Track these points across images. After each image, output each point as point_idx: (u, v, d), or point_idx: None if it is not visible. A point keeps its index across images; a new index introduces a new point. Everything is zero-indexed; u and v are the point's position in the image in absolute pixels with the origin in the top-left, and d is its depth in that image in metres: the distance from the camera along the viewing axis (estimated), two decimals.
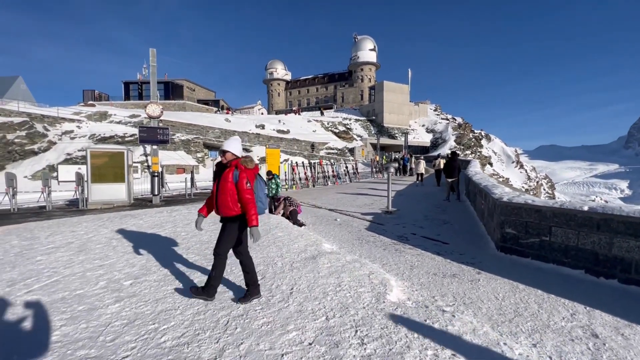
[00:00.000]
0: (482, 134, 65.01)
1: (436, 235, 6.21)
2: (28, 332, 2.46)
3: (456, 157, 10.50)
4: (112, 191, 12.43)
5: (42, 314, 2.67)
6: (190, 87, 62.24)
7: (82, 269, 3.74)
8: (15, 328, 2.50)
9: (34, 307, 2.79)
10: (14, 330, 2.47)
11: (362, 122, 60.03)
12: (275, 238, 5.11)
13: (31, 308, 2.79)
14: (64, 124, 27.97)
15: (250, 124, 40.99)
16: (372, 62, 73.88)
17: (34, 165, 24.37)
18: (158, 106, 13.00)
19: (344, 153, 45.11)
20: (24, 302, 2.93)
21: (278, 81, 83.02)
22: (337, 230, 6.74)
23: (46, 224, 7.20)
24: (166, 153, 30.50)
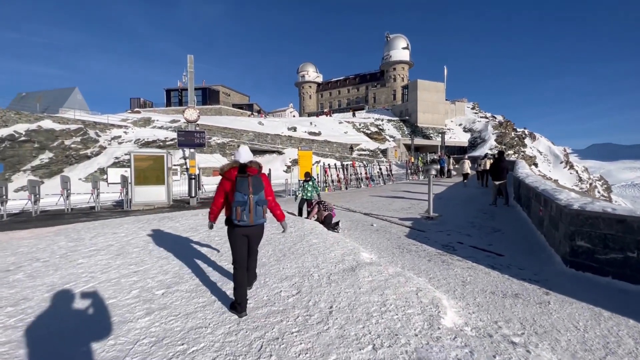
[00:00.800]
0: (525, 132, 60.61)
1: (487, 245, 5.57)
2: (57, 346, 2.37)
3: (504, 157, 9.59)
4: (153, 193, 12.95)
5: (72, 326, 2.59)
6: (226, 92, 64.56)
7: (118, 274, 3.71)
8: (46, 342, 2.43)
9: (67, 318, 2.73)
10: (44, 343, 2.39)
11: (395, 122, 58.51)
12: (310, 245, 4.83)
13: (64, 319, 2.72)
14: (112, 130, 30.10)
15: (283, 127, 41.49)
16: (405, 61, 71.89)
17: (87, 169, 26.43)
18: (195, 110, 13.37)
19: (376, 154, 44.16)
20: (58, 312, 2.89)
21: (309, 84, 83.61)
22: (374, 237, 6.32)
23: (92, 225, 7.53)
24: (203, 156, 31.70)
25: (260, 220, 2.87)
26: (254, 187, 2.78)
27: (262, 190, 2.85)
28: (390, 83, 72.01)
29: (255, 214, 2.76)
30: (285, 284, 3.33)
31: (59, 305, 3.03)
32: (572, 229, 4.15)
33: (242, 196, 2.71)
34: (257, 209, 2.78)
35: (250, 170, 2.85)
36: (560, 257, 4.49)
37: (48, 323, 2.71)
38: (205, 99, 56.41)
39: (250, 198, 2.74)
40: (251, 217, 2.74)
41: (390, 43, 72.42)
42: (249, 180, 2.78)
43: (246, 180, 2.76)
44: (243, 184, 2.74)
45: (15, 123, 25.23)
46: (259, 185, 2.83)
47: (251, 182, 2.78)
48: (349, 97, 79.40)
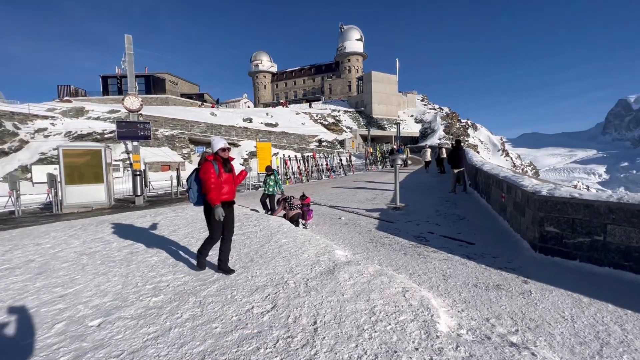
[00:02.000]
0: (468, 123, 65.30)
1: (457, 234, 5.57)
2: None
3: (461, 146, 9.91)
4: (90, 193, 11.34)
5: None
6: (173, 80, 59.87)
7: (37, 302, 2.90)
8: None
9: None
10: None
11: (351, 113, 59.25)
12: (279, 246, 4.35)
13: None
14: (36, 122, 26.12)
15: (237, 118, 39.64)
16: (359, 53, 72.76)
17: (4, 167, 22.70)
18: (137, 98, 11.88)
19: (334, 145, 44.36)
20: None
21: (264, 73, 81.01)
22: (344, 231, 6.03)
23: (8, 234, 6.23)
24: (149, 150, 29.07)
25: (191, 202, 3.53)
26: (193, 176, 3.49)
27: (191, 177, 3.49)
28: (345, 74, 72.56)
29: (189, 195, 3.48)
30: (257, 297, 2.84)
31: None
32: (540, 215, 4.21)
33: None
34: (189, 191, 3.46)
35: (207, 157, 3.42)
36: (529, 242, 4.58)
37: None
38: (149, 88, 51.69)
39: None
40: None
41: (345, 34, 72.66)
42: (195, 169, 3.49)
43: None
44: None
45: None
46: (193, 173, 3.51)
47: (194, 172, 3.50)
48: (304, 88, 78.53)
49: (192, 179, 3.42)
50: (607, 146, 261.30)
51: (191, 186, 3.39)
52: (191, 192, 3.39)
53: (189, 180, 3.42)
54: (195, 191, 3.37)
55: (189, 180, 3.42)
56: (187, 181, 3.43)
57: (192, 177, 3.42)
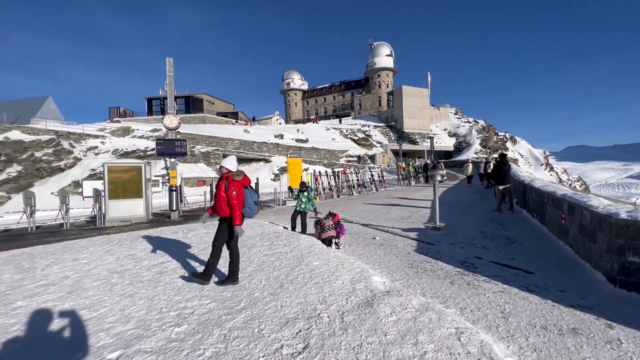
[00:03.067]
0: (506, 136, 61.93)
1: (509, 260, 4.92)
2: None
3: (506, 160, 9.11)
4: (129, 207, 11.83)
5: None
6: (210, 100, 63.26)
7: (61, 324, 2.80)
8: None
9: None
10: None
11: (381, 128, 58.62)
12: (311, 270, 4.03)
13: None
14: (89, 140, 28.46)
15: (269, 134, 40.64)
16: (389, 68, 72.68)
17: (60, 182, 24.71)
18: (175, 117, 12.42)
19: (365, 160, 43.83)
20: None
21: (295, 91, 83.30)
22: (380, 252, 5.58)
23: (52, 248, 6.48)
24: (187, 166, 30.43)
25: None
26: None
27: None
28: (375, 89, 72.53)
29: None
30: (287, 333, 2.51)
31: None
32: (620, 242, 3.53)
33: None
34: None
35: (224, 176, 3.70)
36: (604, 274, 3.86)
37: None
38: (189, 108, 54.98)
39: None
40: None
41: (374, 50, 73.16)
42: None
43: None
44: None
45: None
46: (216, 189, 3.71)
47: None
48: (334, 104, 79.42)
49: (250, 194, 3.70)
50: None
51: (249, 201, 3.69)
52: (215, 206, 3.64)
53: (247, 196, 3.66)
54: (253, 205, 3.71)
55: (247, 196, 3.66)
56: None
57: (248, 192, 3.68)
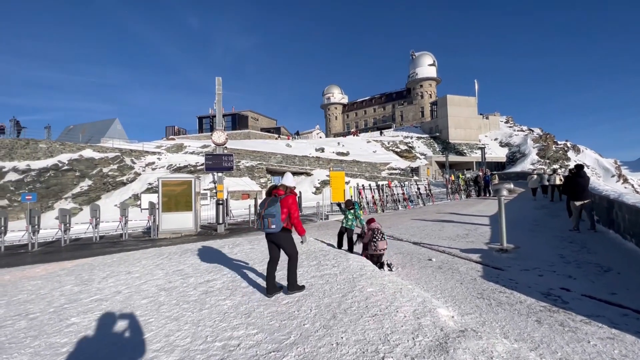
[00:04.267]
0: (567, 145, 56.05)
1: (609, 294, 4.01)
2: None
3: (584, 172, 7.88)
4: (180, 220, 12.33)
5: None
6: (254, 117, 66.27)
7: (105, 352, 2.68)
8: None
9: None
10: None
11: (425, 139, 56.43)
12: (365, 298, 3.58)
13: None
14: (147, 157, 31.03)
15: (310, 148, 41.10)
16: (432, 78, 70.46)
17: (122, 195, 27.05)
18: (223, 133, 12.88)
19: (408, 173, 42.25)
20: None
21: (335, 105, 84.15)
22: (440, 277, 4.94)
23: (110, 259, 6.79)
24: (232, 179, 31.68)
25: (267, 230, 3.63)
26: (267, 205, 3.65)
27: (272, 207, 3.61)
28: (418, 100, 70.54)
29: (262, 224, 3.62)
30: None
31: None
32: None
33: (259, 210, 3.74)
34: (263, 220, 3.61)
35: (277, 192, 3.80)
36: None
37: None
38: (235, 124, 58.04)
39: (262, 212, 3.64)
40: (259, 225, 3.69)
41: (416, 61, 71.61)
42: (267, 200, 3.70)
43: (264, 200, 3.73)
44: (262, 202, 3.74)
45: (59, 153, 26.61)
46: (272, 203, 3.64)
47: (266, 201, 3.71)
48: (375, 117, 78.61)
49: (277, 208, 3.64)
50: None
51: (275, 214, 3.60)
52: (275, 219, 3.58)
53: (270, 208, 3.62)
54: (280, 220, 3.62)
55: (270, 208, 3.62)
56: (263, 209, 3.67)
57: (277, 207, 3.64)
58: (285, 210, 3.67)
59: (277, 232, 3.64)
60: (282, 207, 3.66)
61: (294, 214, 3.71)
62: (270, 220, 3.55)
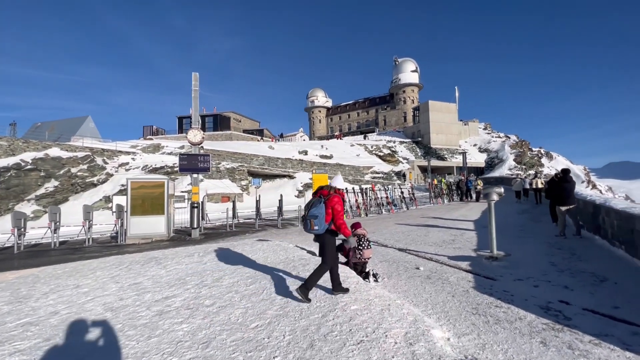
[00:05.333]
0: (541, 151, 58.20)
1: (612, 308, 3.69)
2: None
3: (570, 177, 7.76)
4: (150, 224, 11.44)
5: None
6: (237, 118, 64.95)
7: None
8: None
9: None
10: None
11: (407, 144, 57.08)
12: (349, 318, 3.08)
13: None
14: (120, 157, 29.43)
15: (294, 151, 40.48)
16: (414, 84, 71.68)
17: (92, 197, 25.42)
18: (199, 132, 12.12)
19: (391, 177, 42.40)
20: None
21: (319, 108, 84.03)
22: (429, 289, 4.51)
23: (62, 269, 5.98)
24: (212, 182, 30.59)
25: (311, 231, 3.59)
26: (310, 206, 3.63)
27: (315, 208, 3.55)
28: (400, 105, 71.50)
29: (305, 225, 3.62)
30: None
31: None
32: None
33: (304, 211, 3.73)
34: (306, 221, 3.60)
35: (321, 192, 3.72)
36: None
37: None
38: (217, 125, 56.58)
39: (306, 213, 3.64)
40: (303, 226, 3.68)
41: (399, 67, 72.67)
42: (311, 201, 3.69)
43: (310, 201, 3.71)
44: (307, 204, 3.74)
45: (22, 152, 24.74)
46: (317, 204, 3.59)
47: (311, 202, 3.68)
48: (358, 120, 79.03)
49: (321, 209, 3.55)
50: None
51: (318, 215, 3.52)
52: (317, 221, 3.51)
53: (313, 209, 3.57)
54: (323, 221, 3.53)
55: (313, 209, 3.57)
56: (307, 210, 3.64)
57: (321, 208, 3.55)
58: (329, 212, 3.57)
59: (322, 234, 3.60)
60: (326, 207, 3.59)
61: (337, 215, 3.58)
62: (312, 222, 3.49)
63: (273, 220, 14.67)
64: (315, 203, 3.59)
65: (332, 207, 3.57)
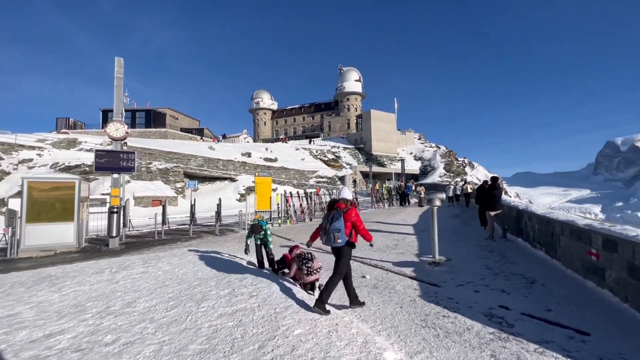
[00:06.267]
0: (465, 161, 65.07)
1: (545, 311, 3.83)
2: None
3: (498, 184, 8.41)
4: (55, 233, 9.51)
5: None
6: (174, 115, 60.08)
7: None
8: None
9: None
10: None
11: (351, 150, 58.88)
12: (292, 347, 2.59)
13: None
14: (21, 152, 24.69)
15: (236, 152, 38.64)
16: (357, 92, 74.58)
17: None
18: (122, 125, 10.51)
19: (334, 181, 43.11)
20: None
21: (264, 110, 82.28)
22: (377, 300, 4.26)
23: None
24: (142, 183, 27.51)
25: (334, 244, 3.66)
26: (331, 219, 3.70)
27: (337, 221, 3.64)
28: (344, 112, 73.68)
29: (328, 238, 3.67)
30: None
31: None
32: None
33: (324, 225, 3.78)
34: (329, 235, 3.65)
35: (338, 205, 3.84)
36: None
37: None
38: (150, 122, 51.49)
39: (327, 227, 3.69)
40: (325, 240, 3.72)
41: (344, 75, 74.97)
42: (331, 214, 3.76)
43: (328, 214, 3.80)
44: (326, 217, 3.82)
45: None
46: (337, 217, 3.67)
47: (331, 215, 3.75)
48: (304, 125, 79.35)
49: (342, 222, 3.65)
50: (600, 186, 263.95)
51: (341, 229, 3.62)
52: (340, 234, 3.61)
53: (335, 223, 3.64)
54: (344, 234, 3.63)
55: (335, 223, 3.64)
56: (329, 224, 3.68)
57: (342, 221, 3.65)
58: (348, 225, 3.71)
59: (342, 246, 3.68)
60: (345, 221, 3.69)
61: (359, 226, 3.80)
62: (336, 235, 3.60)
63: (211, 227, 13.48)
64: (336, 216, 3.69)
65: (351, 220, 3.70)
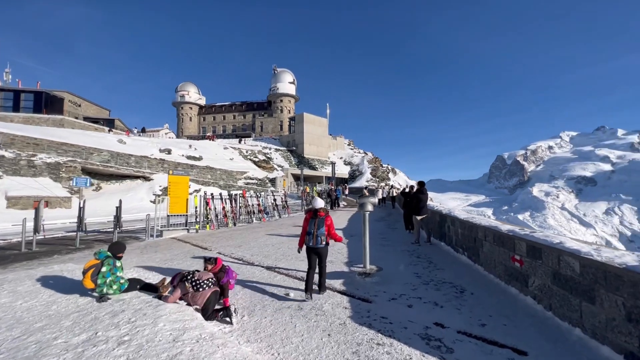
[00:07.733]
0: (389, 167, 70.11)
1: (480, 326, 3.54)
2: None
3: (424, 189, 8.51)
4: None
5: None
6: (75, 101, 51.03)
7: None
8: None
9: None
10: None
11: (282, 152, 58.02)
12: None
13: None
14: None
15: (153, 148, 34.27)
16: (291, 95, 74.22)
17: None
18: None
19: (265, 183, 41.61)
20: None
21: (190, 105, 75.87)
22: (300, 327, 3.48)
23: None
24: (21, 180, 22.26)
25: (320, 246, 4.51)
26: (317, 225, 4.50)
27: (322, 227, 4.49)
28: (277, 114, 72.55)
29: (316, 241, 4.47)
30: None
31: None
32: (630, 304, 2.45)
33: (310, 230, 4.53)
34: (317, 238, 4.47)
35: (320, 214, 4.56)
36: (620, 352, 2.75)
37: None
38: (41, 106, 42.66)
39: (314, 232, 4.48)
40: (313, 242, 4.49)
41: (278, 76, 73.88)
42: (316, 221, 4.52)
43: (314, 221, 4.54)
44: (312, 223, 4.54)
45: None
46: (321, 224, 4.50)
47: (316, 222, 4.52)
48: (235, 124, 75.60)
49: (324, 228, 4.52)
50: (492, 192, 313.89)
51: (325, 233, 4.52)
52: (325, 237, 4.53)
53: (322, 229, 4.49)
54: (326, 236, 4.55)
55: (322, 229, 4.49)
56: (315, 229, 4.49)
57: (324, 227, 4.51)
58: (326, 229, 4.53)
59: (323, 246, 4.52)
60: (325, 226, 4.52)
61: (332, 231, 4.63)
62: (322, 238, 4.46)
63: (109, 234, 11.13)
64: (320, 223, 4.48)
65: (327, 225, 4.54)
